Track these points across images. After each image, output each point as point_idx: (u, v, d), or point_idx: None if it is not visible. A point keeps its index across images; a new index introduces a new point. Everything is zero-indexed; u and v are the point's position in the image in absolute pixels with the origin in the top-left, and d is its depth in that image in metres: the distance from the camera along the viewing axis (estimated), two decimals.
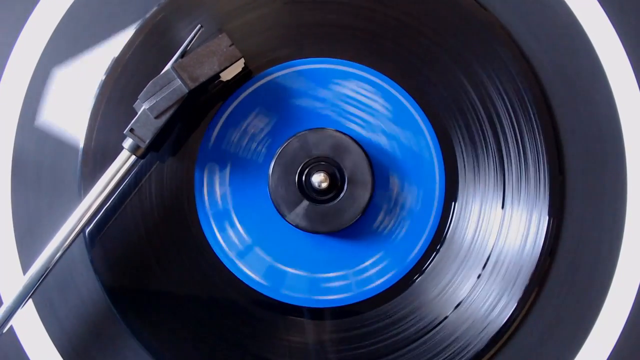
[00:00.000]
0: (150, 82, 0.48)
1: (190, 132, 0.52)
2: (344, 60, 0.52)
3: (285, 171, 0.51)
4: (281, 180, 0.51)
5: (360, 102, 0.52)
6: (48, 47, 0.53)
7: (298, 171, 0.51)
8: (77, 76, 0.53)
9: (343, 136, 0.51)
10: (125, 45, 0.52)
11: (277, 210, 0.51)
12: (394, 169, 0.52)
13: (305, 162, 0.51)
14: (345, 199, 0.51)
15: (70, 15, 0.53)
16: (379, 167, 0.52)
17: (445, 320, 0.51)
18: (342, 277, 0.52)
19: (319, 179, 0.50)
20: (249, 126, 0.52)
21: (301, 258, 0.52)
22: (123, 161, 0.49)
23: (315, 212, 0.51)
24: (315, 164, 0.51)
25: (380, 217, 0.52)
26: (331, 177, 0.50)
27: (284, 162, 0.51)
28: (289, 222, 0.51)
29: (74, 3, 0.53)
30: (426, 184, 0.52)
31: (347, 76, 0.52)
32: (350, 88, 0.52)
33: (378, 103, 0.52)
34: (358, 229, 0.52)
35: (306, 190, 0.51)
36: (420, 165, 0.52)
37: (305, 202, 0.51)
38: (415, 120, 0.52)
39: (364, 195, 0.50)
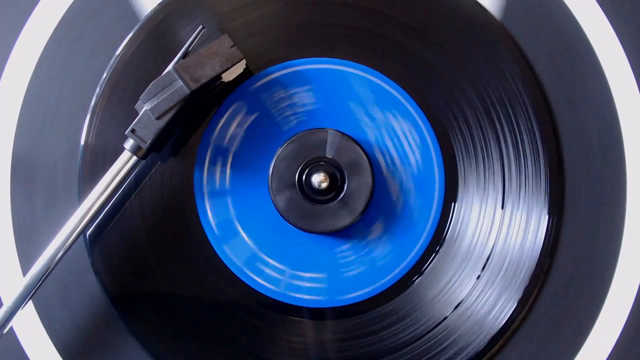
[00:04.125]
0: (152, 83, 0.48)
1: (192, 132, 0.52)
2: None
3: (296, 152, 0.51)
4: (288, 158, 0.51)
5: (401, 145, 0.52)
6: (48, 47, 0.53)
7: (307, 160, 0.51)
8: (77, 76, 0.53)
9: (366, 161, 0.50)
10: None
11: (268, 181, 0.51)
12: (385, 219, 0.52)
13: (318, 156, 0.51)
14: (327, 210, 0.50)
15: (70, 15, 0.53)
16: (374, 209, 0.52)
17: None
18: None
19: (319, 179, 0.50)
20: (296, 95, 0.52)
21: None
22: (124, 162, 0.49)
23: (296, 204, 0.50)
24: (324, 165, 0.51)
25: (344, 246, 0.52)
26: (331, 184, 0.50)
27: (301, 144, 0.51)
28: (270, 197, 0.51)
29: (73, 3, 0.53)
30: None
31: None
32: (401, 126, 0.52)
33: (414, 157, 0.52)
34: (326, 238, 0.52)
35: (303, 180, 0.51)
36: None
37: (295, 190, 0.50)
38: (434, 180, 0.52)
39: (343, 220, 0.50)
